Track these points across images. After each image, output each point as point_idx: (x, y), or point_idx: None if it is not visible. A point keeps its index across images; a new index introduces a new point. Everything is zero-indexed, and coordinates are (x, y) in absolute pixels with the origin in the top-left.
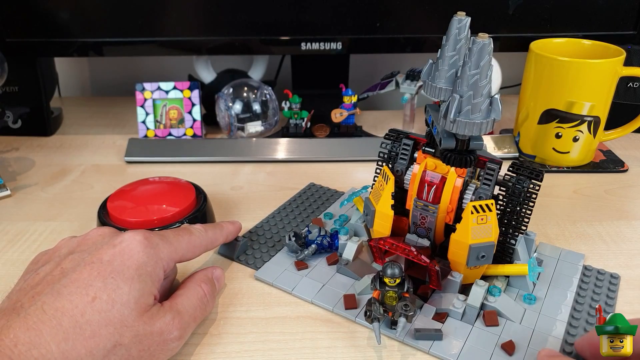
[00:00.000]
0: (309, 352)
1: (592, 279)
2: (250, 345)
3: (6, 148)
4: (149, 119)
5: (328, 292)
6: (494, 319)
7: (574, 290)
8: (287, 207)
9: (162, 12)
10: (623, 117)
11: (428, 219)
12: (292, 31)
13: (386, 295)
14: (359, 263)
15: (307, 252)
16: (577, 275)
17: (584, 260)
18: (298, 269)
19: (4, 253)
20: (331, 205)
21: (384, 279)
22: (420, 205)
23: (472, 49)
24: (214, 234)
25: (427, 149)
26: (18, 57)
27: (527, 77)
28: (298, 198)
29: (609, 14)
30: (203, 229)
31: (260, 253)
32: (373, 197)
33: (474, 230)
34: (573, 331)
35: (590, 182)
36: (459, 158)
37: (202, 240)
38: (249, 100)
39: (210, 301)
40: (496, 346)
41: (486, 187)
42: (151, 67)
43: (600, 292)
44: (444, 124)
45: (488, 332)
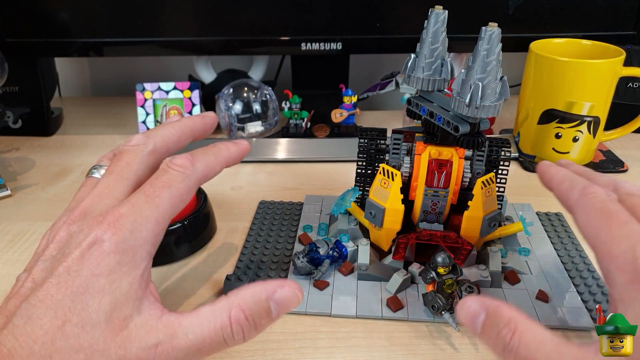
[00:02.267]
0: (309, 352)
1: (547, 220)
2: (250, 344)
3: (6, 148)
4: (149, 119)
5: (364, 301)
6: (516, 277)
7: (544, 234)
8: (257, 232)
9: (162, 12)
10: (623, 117)
11: (440, 204)
12: (292, 31)
13: (445, 284)
14: (376, 265)
15: (324, 269)
16: (537, 221)
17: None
18: (322, 289)
19: (4, 253)
20: (301, 217)
21: (437, 270)
22: (430, 192)
23: (485, 37)
24: (207, 163)
25: (428, 139)
26: (18, 57)
27: (527, 77)
28: (261, 219)
29: (608, 14)
30: (188, 162)
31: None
32: (376, 197)
33: (485, 204)
34: (570, 266)
35: None
36: (473, 140)
37: (189, 182)
38: (249, 100)
39: (238, 336)
40: (531, 299)
41: (480, 162)
42: (151, 67)
43: (560, 229)
44: (463, 111)
45: (517, 290)
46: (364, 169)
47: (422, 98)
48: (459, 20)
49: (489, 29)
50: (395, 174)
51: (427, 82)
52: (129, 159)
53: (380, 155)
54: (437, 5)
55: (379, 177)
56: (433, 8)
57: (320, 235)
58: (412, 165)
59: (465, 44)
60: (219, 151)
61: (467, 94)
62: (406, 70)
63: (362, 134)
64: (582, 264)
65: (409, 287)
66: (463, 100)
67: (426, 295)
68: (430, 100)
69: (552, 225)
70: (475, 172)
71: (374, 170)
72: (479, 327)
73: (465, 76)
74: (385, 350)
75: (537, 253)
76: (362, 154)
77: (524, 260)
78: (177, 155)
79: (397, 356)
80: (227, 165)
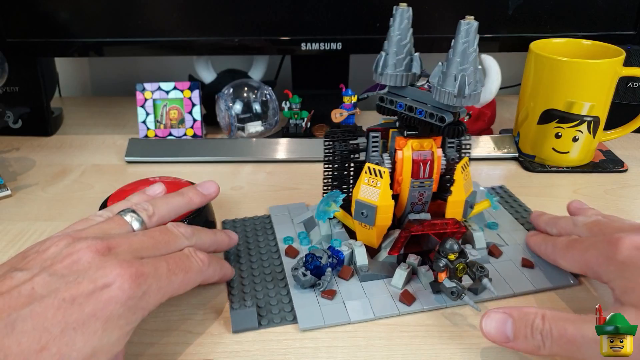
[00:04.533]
0: (309, 352)
1: (494, 192)
2: (250, 344)
3: (7, 148)
4: (149, 119)
5: (377, 301)
6: (498, 250)
7: (500, 205)
8: (235, 254)
9: (162, 12)
10: (623, 117)
11: (426, 193)
12: (292, 31)
13: (457, 269)
14: (374, 264)
15: (328, 278)
16: (484, 194)
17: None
18: (331, 299)
19: (4, 253)
20: (275, 230)
21: (448, 257)
22: (417, 184)
23: (464, 30)
24: (214, 270)
25: (410, 132)
26: (18, 57)
27: (527, 77)
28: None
29: (608, 14)
30: (207, 260)
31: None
32: (365, 197)
33: (465, 187)
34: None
35: (589, 182)
36: (456, 129)
37: (199, 277)
38: (249, 100)
39: None
40: (518, 268)
41: (452, 149)
42: (151, 67)
43: (509, 199)
44: (450, 101)
45: (502, 262)
46: (339, 171)
47: (394, 94)
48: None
49: (468, 22)
50: (383, 171)
51: (400, 77)
52: (170, 240)
53: (354, 155)
54: (402, 3)
55: (366, 176)
56: (398, 5)
57: (303, 245)
58: (393, 161)
59: None
60: (222, 267)
61: (452, 84)
62: (377, 69)
63: (331, 136)
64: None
65: (411, 279)
66: (450, 91)
67: (437, 283)
68: (403, 96)
69: (500, 197)
70: (450, 158)
71: (349, 171)
72: (510, 332)
73: (446, 68)
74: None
75: (503, 225)
76: (333, 156)
77: (496, 234)
78: (199, 251)
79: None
80: (219, 281)
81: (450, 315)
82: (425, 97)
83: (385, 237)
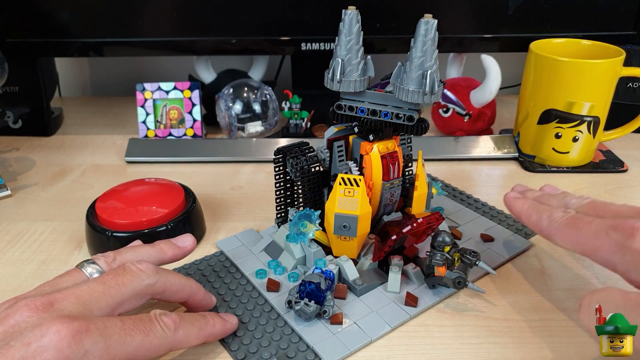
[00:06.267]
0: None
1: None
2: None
3: (7, 148)
4: (149, 119)
5: (385, 312)
6: (458, 232)
7: (441, 187)
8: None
9: (162, 13)
10: (623, 117)
11: (396, 193)
12: (292, 31)
13: (455, 260)
14: (365, 274)
15: (331, 302)
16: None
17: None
18: (342, 323)
19: (4, 253)
20: (237, 266)
21: (444, 250)
22: (388, 185)
23: (427, 28)
24: (187, 334)
25: (375, 136)
26: (18, 57)
27: (527, 77)
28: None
29: (608, 14)
30: (174, 324)
31: (287, 352)
32: (344, 208)
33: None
34: (478, 206)
35: (589, 182)
36: (421, 126)
37: (163, 342)
38: (249, 100)
39: None
40: (481, 243)
41: (404, 146)
42: (151, 67)
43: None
44: (419, 99)
45: (465, 242)
46: (305, 187)
47: (352, 100)
48: (462, 21)
49: (427, 20)
50: (359, 180)
51: (359, 82)
52: (127, 281)
53: (314, 167)
54: (351, 7)
55: (340, 187)
56: (346, 9)
57: (279, 274)
58: (361, 167)
59: (470, 42)
60: (205, 325)
61: (418, 83)
62: (335, 76)
63: (284, 152)
64: (480, 204)
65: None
66: (415, 89)
67: (433, 278)
68: (361, 100)
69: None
70: (406, 154)
71: (319, 185)
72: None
73: (409, 67)
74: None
75: (447, 209)
76: (295, 172)
77: (446, 217)
78: (168, 313)
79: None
80: (205, 341)
81: (450, 315)
82: (384, 99)
83: (363, 246)
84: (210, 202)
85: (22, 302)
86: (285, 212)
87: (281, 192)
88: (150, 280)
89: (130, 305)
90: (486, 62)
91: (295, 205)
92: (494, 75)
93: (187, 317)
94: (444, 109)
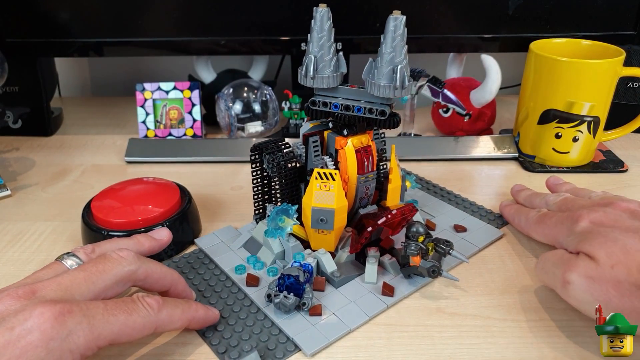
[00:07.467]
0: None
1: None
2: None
3: (6, 148)
4: (149, 119)
5: (363, 302)
6: (432, 222)
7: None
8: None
9: (162, 13)
10: (623, 117)
11: (370, 187)
12: (292, 31)
13: (429, 249)
14: (341, 266)
15: (310, 294)
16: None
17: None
18: (321, 314)
19: (4, 253)
20: (216, 262)
21: (418, 240)
22: (363, 179)
23: (396, 25)
24: (171, 315)
25: (349, 131)
26: (18, 57)
27: (527, 77)
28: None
29: (608, 14)
30: (157, 304)
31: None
32: (320, 202)
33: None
34: (451, 198)
35: (590, 182)
36: (393, 120)
37: (147, 321)
38: (249, 100)
39: None
40: (454, 233)
41: (377, 140)
42: (151, 67)
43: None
44: (390, 94)
45: (439, 233)
46: (282, 183)
47: (326, 96)
48: (463, 21)
49: (396, 16)
50: (335, 174)
51: (333, 78)
52: (108, 268)
53: (291, 163)
54: (322, 4)
55: (317, 182)
56: (317, 7)
57: (258, 269)
58: (336, 161)
59: (470, 42)
60: (188, 309)
61: (389, 78)
62: (309, 72)
63: (260, 149)
64: (453, 196)
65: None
66: (386, 84)
67: (409, 268)
68: (334, 96)
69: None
70: (379, 148)
71: (296, 181)
72: None
73: (380, 63)
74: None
75: (421, 201)
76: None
77: (420, 209)
78: (151, 295)
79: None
80: (188, 326)
81: (450, 315)
82: (356, 95)
83: (340, 239)
84: (210, 202)
85: (4, 293)
86: (263, 208)
87: (259, 189)
88: (132, 267)
89: (113, 292)
90: (486, 62)
91: (273, 201)
92: (494, 75)
93: (170, 300)
94: (444, 109)
